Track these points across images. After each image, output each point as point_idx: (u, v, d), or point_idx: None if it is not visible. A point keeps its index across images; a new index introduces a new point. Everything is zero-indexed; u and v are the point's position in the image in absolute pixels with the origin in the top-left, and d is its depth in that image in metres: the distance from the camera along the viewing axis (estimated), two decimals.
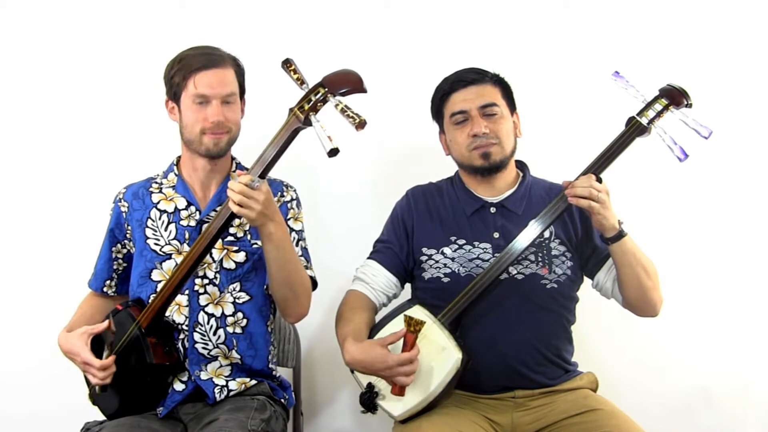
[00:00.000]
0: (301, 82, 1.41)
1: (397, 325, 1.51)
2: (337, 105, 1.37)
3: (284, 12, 2.13)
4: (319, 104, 1.39)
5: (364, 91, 1.40)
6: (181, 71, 1.55)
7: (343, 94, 1.39)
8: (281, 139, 1.41)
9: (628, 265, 1.54)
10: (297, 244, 1.62)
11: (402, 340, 1.45)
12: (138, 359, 1.49)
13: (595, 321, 1.95)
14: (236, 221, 1.56)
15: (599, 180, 1.49)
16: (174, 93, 1.58)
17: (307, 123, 1.39)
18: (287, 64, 1.42)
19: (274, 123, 1.52)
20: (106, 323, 1.52)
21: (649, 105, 1.51)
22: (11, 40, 2.14)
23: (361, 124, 1.33)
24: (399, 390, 1.46)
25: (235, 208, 1.39)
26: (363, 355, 1.46)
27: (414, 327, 1.44)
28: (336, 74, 1.42)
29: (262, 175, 1.41)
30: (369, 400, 1.51)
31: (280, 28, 2.12)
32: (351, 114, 1.34)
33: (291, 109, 1.41)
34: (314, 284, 1.63)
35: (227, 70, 1.57)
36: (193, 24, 2.12)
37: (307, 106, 1.39)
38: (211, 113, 1.54)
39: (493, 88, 1.64)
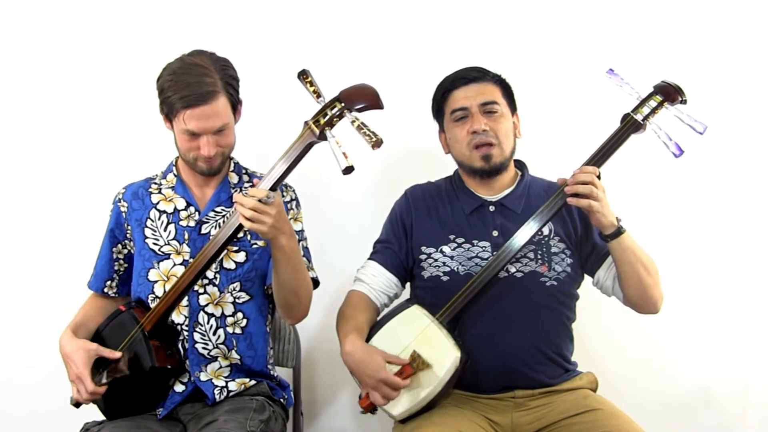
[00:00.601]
0: (317, 95, 1.39)
1: (398, 330, 1.52)
2: (353, 121, 1.35)
3: (283, 11, 2.13)
4: (335, 119, 1.37)
5: (380, 107, 1.39)
6: (170, 102, 1.47)
7: (360, 110, 1.37)
8: (294, 153, 1.39)
9: (628, 262, 1.53)
10: (298, 244, 1.62)
11: (400, 367, 1.46)
12: (140, 362, 1.49)
13: (595, 320, 1.95)
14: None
15: (598, 176, 1.49)
16: (166, 113, 1.52)
17: (322, 138, 1.37)
18: (303, 75, 1.39)
19: (267, 121, 1.51)
20: (119, 354, 1.50)
21: (643, 102, 1.52)
22: (11, 41, 2.15)
23: (377, 143, 1.32)
24: (368, 405, 1.48)
25: (247, 224, 1.37)
26: (363, 355, 1.47)
27: (417, 365, 1.45)
28: (353, 89, 1.40)
29: (273, 188, 1.40)
30: None
31: (278, 27, 2.13)
32: (368, 132, 1.33)
33: (306, 123, 1.39)
34: (316, 284, 1.63)
35: (217, 102, 1.47)
36: (193, 24, 2.13)
37: (323, 121, 1.37)
38: (204, 148, 1.50)
39: (494, 87, 1.64)
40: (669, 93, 1.51)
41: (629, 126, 1.51)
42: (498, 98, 1.63)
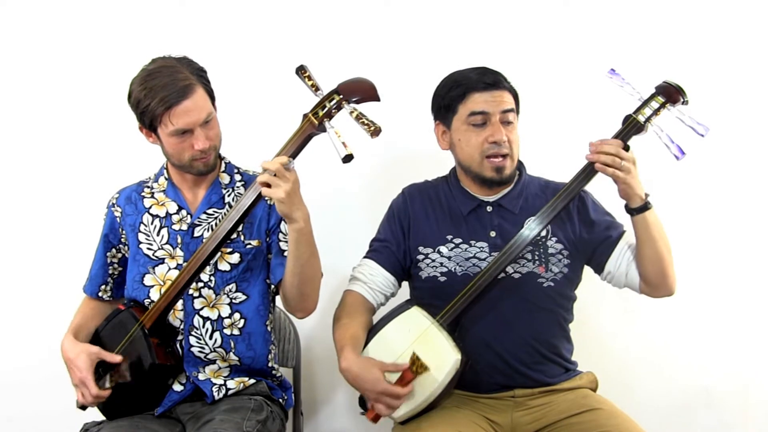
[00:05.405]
0: (315, 88, 1.42)
1: (397, 332, 1.51)
2: (352, 112, 1.38)
3: (283, 10, 2.12)
4: (333, 111, 1.40)
5: (377, 99, 1.41)
6: (151, 110, 1.45)
7: (357, 102, 1.40)
8: (294, 145, 1.42)
9: (651, 239, 1.52)
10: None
11: (401, 373, 1.45)
12: (140, 359, 1.49)
13: (595, 321, 1.95)
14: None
15: (626, 148, 1.47)
16: (149, 125, 1.50)
17: (321, 129, 1.40)
18: (302, 70, 1.42)
19: (267, 119, 1.50)
20: (120, 358, 1.50)
21: (645, 103, 1.50)
22: (9, 42, 2.14)
23: (376, 132, 1.35)
24: (373, 417, 1.47)
25: (265, 191, 1.37)
26: (359, 370, 1.46)
27: (417, 369, 1.45)
28: (351, 81, 1.43)
29: None
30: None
31: (278, 26, 2.12)
32: (366, 121, 1.36)
33: (305, 115, 1.42)
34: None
35: (196, 94, 1.46)
36: (193, 24, 2.12)
37: (321, 113, 1.40)
38: (197, 143, 1.49)
39: (509, 95, 1.60)
40: (671, 94, 1.49)
41: (631, 127, 1.49)
42: (513, 106, 1.60)
